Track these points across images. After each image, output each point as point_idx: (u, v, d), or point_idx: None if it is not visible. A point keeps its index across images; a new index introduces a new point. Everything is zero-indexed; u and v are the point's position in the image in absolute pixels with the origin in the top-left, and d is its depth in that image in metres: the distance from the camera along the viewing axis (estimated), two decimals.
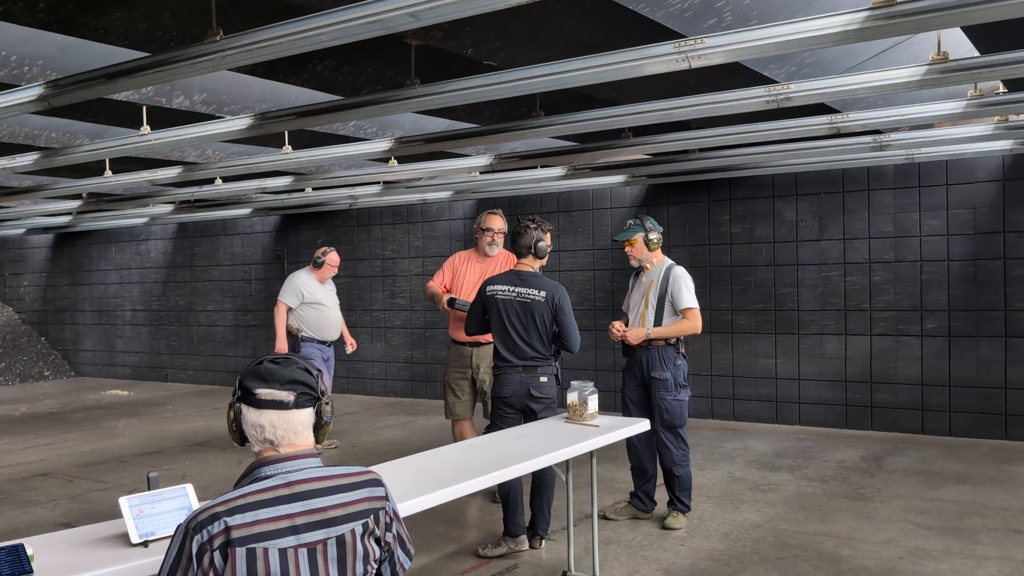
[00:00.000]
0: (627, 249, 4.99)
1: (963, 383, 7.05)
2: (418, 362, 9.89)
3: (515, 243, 4.57)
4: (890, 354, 7.34)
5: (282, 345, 6.95)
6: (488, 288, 4.55)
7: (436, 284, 5.58)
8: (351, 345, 7.43)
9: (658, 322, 4.86)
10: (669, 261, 4.98)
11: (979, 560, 4.24)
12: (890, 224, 7.31)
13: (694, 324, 4.82)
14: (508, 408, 4.49)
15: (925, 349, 7.20)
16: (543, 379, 4.47)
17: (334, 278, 7.36)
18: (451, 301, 5.34)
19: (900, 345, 7.30)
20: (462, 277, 5.48)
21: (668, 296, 4.83)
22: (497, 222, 5.45)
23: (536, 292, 4.46)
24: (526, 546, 4.49)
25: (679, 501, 4.90)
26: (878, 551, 4.38)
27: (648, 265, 4.97)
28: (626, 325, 5.03)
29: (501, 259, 5.46)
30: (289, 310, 7.02)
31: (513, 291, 4.49)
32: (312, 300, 7.05)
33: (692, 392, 8.13)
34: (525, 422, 4.47)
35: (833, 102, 5.14)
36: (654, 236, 4.91)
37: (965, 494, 5.38)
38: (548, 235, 4.58)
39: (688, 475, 4.91)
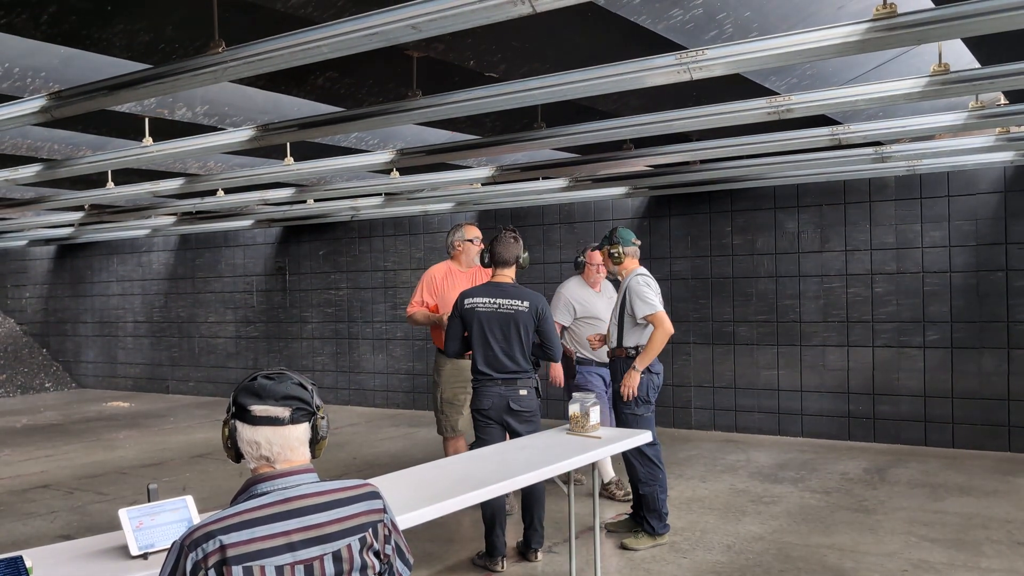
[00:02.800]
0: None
1: (966, 395, 7.03)
2: (420, 374, 9.87)
3: (499, 254, 4.49)
4: (892, 366, 7.32)
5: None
6: (467, 301, 4.45)
7: (418, 306, 5.41)
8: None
9: (620, 336, 4.78)
10: (637, 272, 4.81)
11: (983, 572, 4.21)
12: (892, 235, 7.31)
13: (663, 329, 4.58)
14: (487, 420, 4.41)
15: (927, 361, 7.19)
16: (523, 392, 4.40)
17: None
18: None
19: (902, 357, 7.28)
20: (448, 292, 5.25)
21: (628, 309, 4.73)
22: (477, 230, 5.51)
23: (520, 303, 4.40)
24: (500, 567, 4.39)
25: (645, 521, 4.75)
26: (882, 564, 4.36)
27: (619, 278, 4.92)
28: None
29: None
30: (564, 328, 5.84)
31: (494, 303, 4.41)
32: (586, 314, 5.81)
33: (696, 403, 8.23)
34: (508, 436, 4.43)
35: (834, 114, 5.15)
36: (615, 251, 4.80)
37: (969, 506, 5.35)
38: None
39: (654, 495, 4.69)
